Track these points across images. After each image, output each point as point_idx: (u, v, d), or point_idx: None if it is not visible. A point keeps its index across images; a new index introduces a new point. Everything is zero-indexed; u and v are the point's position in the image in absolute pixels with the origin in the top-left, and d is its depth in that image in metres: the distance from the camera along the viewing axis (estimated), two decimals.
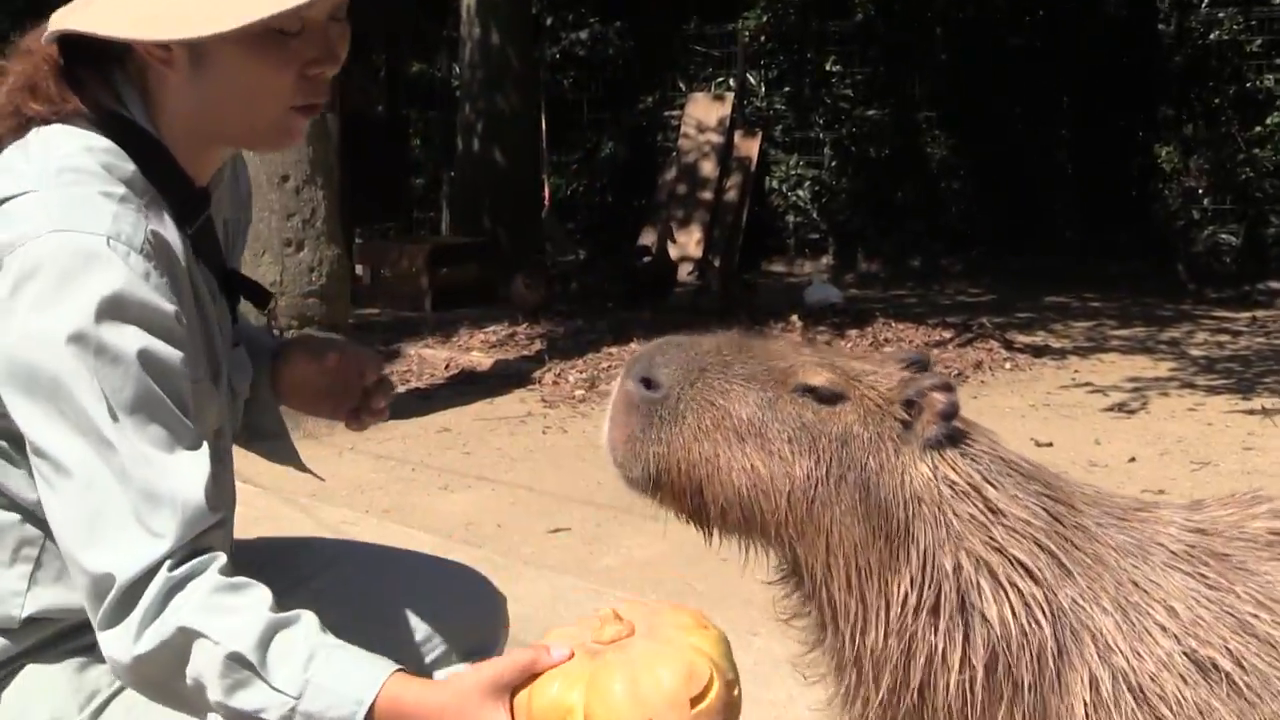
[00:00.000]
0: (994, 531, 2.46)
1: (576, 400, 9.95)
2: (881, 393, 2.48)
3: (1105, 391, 10.07)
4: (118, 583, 2.44)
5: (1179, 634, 2.45)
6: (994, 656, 2.43)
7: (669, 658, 2.30)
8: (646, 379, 2.47)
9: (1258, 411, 9.29)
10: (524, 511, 7.11)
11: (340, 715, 2.40)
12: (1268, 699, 2.43)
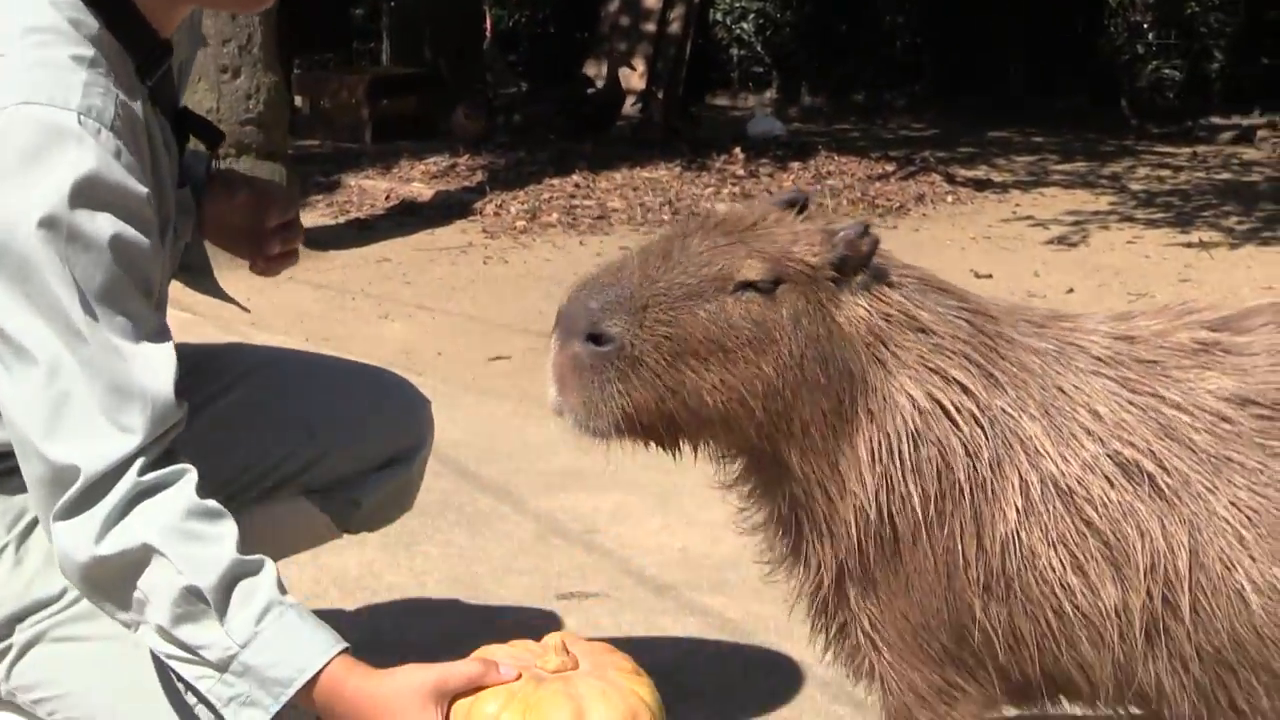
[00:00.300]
0: (929, 352, 2.48)
1: (517, 231, 9.89)
2: (810, 261, 2.45)
3: (1045, 225, 10.10)
4: (83, 475, 2.40)
5: (1104, 437, 2.49)
6: (941, 475, 2.47)
7: (613, 699, 2.33)
8: (593, 335, 2.37)
9: (1195, 245, 9.36)
10: (464, 340, 7.10)
11: (280, 676, 2.39)
12: (1187, 500, 2.47)
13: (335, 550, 4.17)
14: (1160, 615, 2.46)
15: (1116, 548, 2.45)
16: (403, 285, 8.38)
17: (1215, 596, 2.46)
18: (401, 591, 4.01)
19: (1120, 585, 2.45)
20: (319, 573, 4.10)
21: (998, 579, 2.46)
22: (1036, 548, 2.45)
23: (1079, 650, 2.49)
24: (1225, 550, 2.46)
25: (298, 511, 3.14)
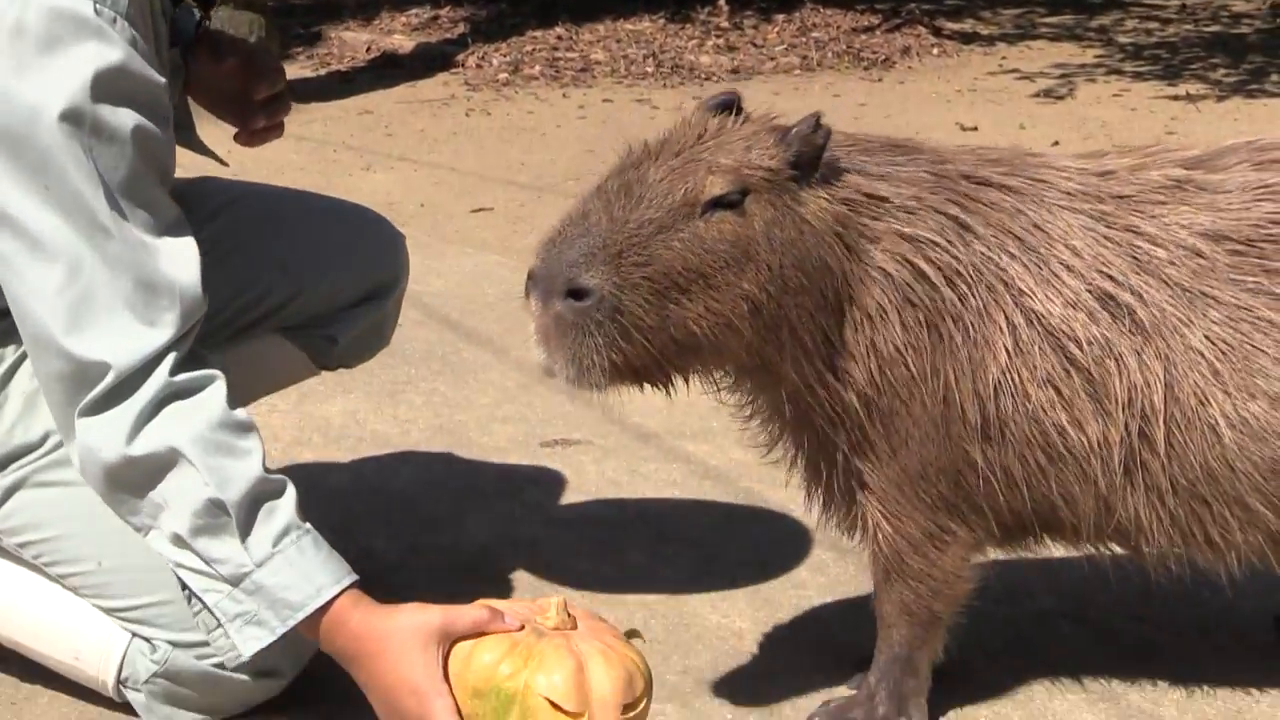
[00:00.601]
0: (896, 222, 2.47)
1: (500, 84, 9.80)
2: (769, 165, 2.42)
3: (1032, 78, 10.02)
4: (113, 370, 2.39)
5: (1084, 271, 2.51)
6: (930, 332, 2.48)
7: (613, 661, 2.34)
8: (572, 291, 2.32)
9: (1182, 97, 9.30)
10: (447, 191, 7.07)
11: (291, 599, 2.40)
12: (1163, 334, 2.49)
13: (319, 398, 4.20)
14: (1138, 449, 2.50)
15: (1097, 383, 2.48)
16: (384, 137, 8.32)
17: (1189, 430, 2.49)
18: (386, 440, 4.03)
19: (1101, 420, 2.48)
20: (303, 420, 4.12)
21: (992, 422, 2.49)
22: (1027, 388, 2.48)
23: (1065, 487, 2.53)
24: (1199, 384, 2.49)
25: (274, 349, 3.14)
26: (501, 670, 2.29)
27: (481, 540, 3.44)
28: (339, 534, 3.40)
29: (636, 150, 2.46)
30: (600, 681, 2.29)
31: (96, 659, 2.70)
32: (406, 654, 2.34)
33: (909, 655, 2.67)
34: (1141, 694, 2.82)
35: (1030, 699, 2.80)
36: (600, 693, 2.28)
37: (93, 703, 2.77)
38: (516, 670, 2.28)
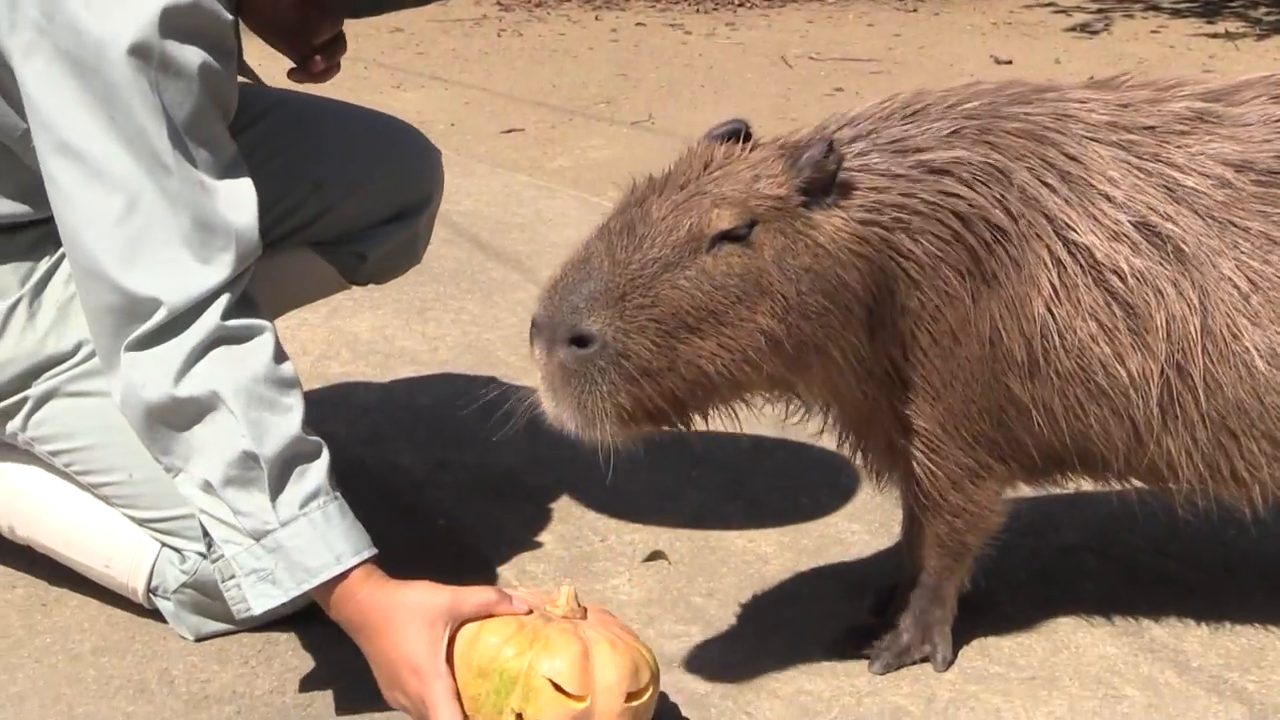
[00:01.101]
0: (920, 210, 2.42)
1: (532, 4, 9.73)
2: (777, 194, 2.36)
3: (1068, 12, 9.92)
4: (165, 307, 2.38)
5: (1123, 202, 2.49)
6: (975, 280, 2.45)
7: (620, 650, 2.34)
8: (575, 338, 2.27)
9: (1220, 35, 9.19)
10: (477, 111, 7.04)
11: (309, 564, 2.39)
12: (1198, 264, 2.47)
13: (348, 313, 4.21)
14: (1174, 382, 2.49)
15: (1139, 316, 2.46)
16: (415, 56, 8.27)
17: (1221, 362, 2.48)
18: (413, 356, 4.04)
19: (1141, 353, 2.47)
20: (331, 334, 4.12)
21: (1037, 358, 2.48)
22: (1072, 322, 2.46)
23: (1102, 422, 2.52)
24: (1231, 316, 2.47)
25: (304, 263, 3.14)
26: (506, 652, 2.29)
27: (509, 459, 3.45)
28: (367, 447, 3.43)
29: (640, 185, 2.38)
30: (605, 668, 2.30)
31: (127, 567, 2.72)
32: (410, 632, 2.34)
33: (936, 584, 2.68)
34: (1165, 628, 2.82)
35: (1054, 631, 2.81)
36: (604, 679, 2.29)
37: (122, 607, 2.80)
38: (521, 652, 2.29)
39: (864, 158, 2.44)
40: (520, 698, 2.27)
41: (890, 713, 2.56)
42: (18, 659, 2.65)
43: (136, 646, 2.70)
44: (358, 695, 2.56)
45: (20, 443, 2.75)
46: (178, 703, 2.55)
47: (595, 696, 2.28)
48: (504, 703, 2.28)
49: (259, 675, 2.63)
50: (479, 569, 2.97)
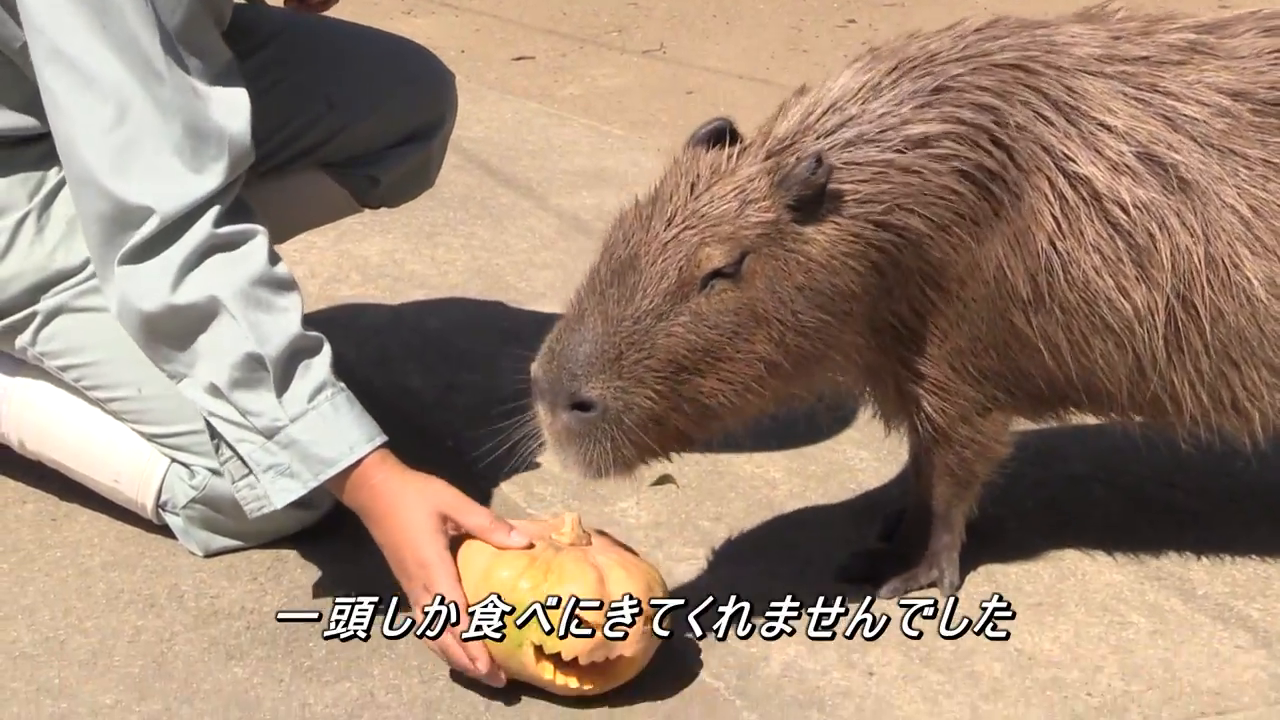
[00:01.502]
0: (914, 186, 2.40)
1: None
2: (766, 220, 2.34)
3: None
4: (158, 216, 2.37)
5: (1124, 132, 2.46)
6: (977, 225, 2.44)
7: (632, 570, 2.34)
8: (576, 404, 2.30)
9: None
10: (487, 38, 6.99)
11: (324, 455, 2.41)
12: (1199, 193, 2.46)
13: (358, 237, 4.20)
14: (1178, 313, 2.48)
15: (1142, 248, 2.45)
16: None
17: (1223, 292, 2.47)
18: (423, 280, 4.03)
19: (1146, 285, 2.46)
20: (340, 258, 4.11)
21: (1041, 292, 2.47)
22: (1075, 254, 2.45)
23: (1107, 355, 2.52)
24: (1233, 244, 2.46)
25: (316, 185, 3.13)
26: (522, 585, 2.29)
27: (517, 382, 3.44)
28: (376, 369, 3.43)
29: (628, 217, 2.38)
30: (621, 593, 2.30)
31: (136, 482, 2.72)
32: (416, 520, 2.37)
33: (945, 511, 2.69)
34: (1171, 557, 2.83)
35: (1060, 559, 2.81)
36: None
37: (131, 523, 2.81)
38: (536, 584, 2.28)
39: (850, 150, 2.41)
40: (538, 631, 2.27)
41: (896, 636, 2.56)
42: (28, 573, 2.67)
43: (146, 562, 2.72)
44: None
45: (30, 358, 2.75)
46: (187, 617, 2.56)
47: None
48: (522, 636, 2.29)
49: (268, 591, 2.64)
50: (487, 491, 2.98)
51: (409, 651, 2.46)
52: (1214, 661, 2.54)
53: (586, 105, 5.87)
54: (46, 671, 2.40)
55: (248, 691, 2.37)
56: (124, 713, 2.31)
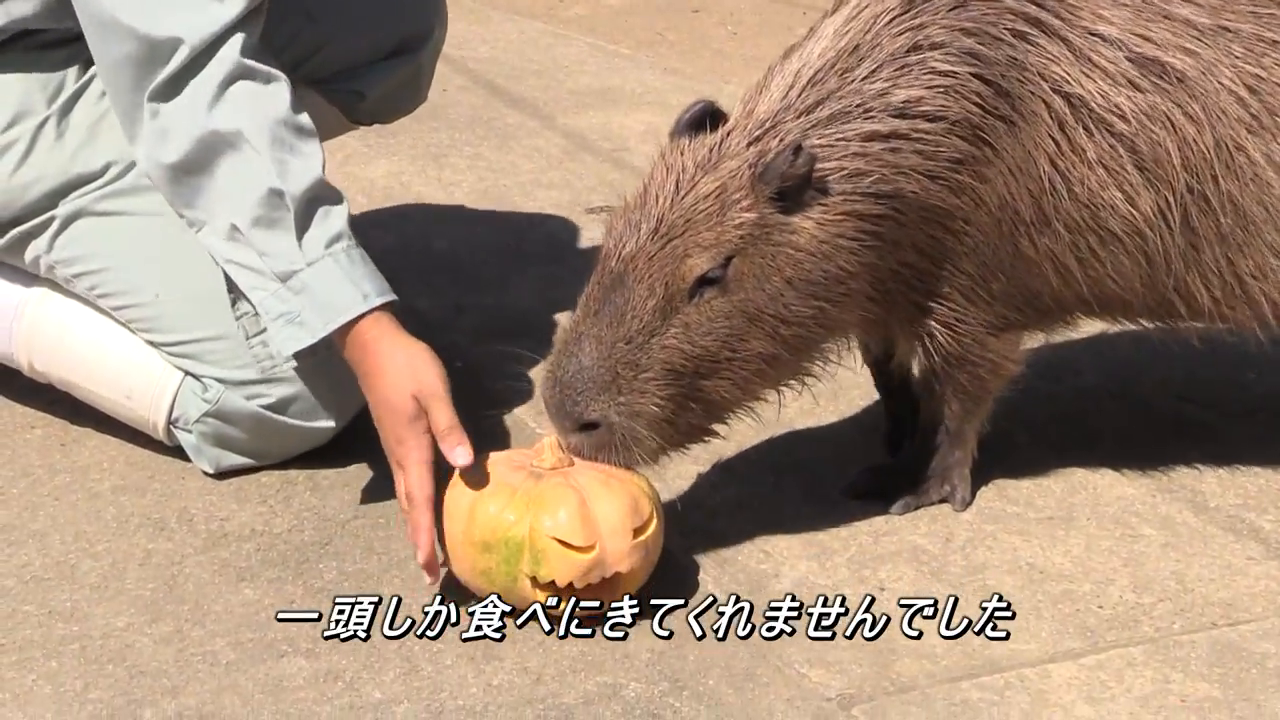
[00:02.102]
0: (903, 144, 2.39)
1: None
2: (748, 219, 2.33)
3: None
4: (187, 45, 2.39)
5: (1116, 38, 2.43)
6: (975, 167, 2.42)
7: (615, 490, 2.31)
8: (584, 426, 2.35)
9: None
10: None
11: (336, 303, 2.41)
12: (1197, 79, 2.43)
13: (363, 159, 4.18)
14: (1190, 208, 2.46)
15: (1147, 153, 2.43)
16: None
17: (1230, 174, 2.45)
18: (429, 201, 4.00)
19: (1154, 189, 2.44)
20: (346, 180, 4.08)
21: (1047, 214, 2.46)
22: (1077, 171, 2.43)
23: (1118, 264, 2.50)
24: (1234, 126, 2.44)
25: (303, 102, 3.10)
26: (506, 518, 2.28)
27: (525, 302, 3.43)
28: None
29: (618, 223, 2.38)
30: (606, 511, 2.29)
31: (148, 398, 2.72)
32: (395, 398, 2.38)
33: (957, 427, 2.67)
34: (1183, 470, 2.82)
35: (1072, 472, 2.81)
36: (608, 522, 2.29)
37: (141, 445, 2.81)
38: (520, 516, 2.28)
39: (832, 127, 2.38)
40: (530, 562, 2.28)
41: (908, 551, 2.57)
42: (37, 497, 2.67)
43: (155, 485, 2.72)
44: (375, 533, 2.58)
45: (44, 268, 2.74)
46: (197, 540, 2.56)
47: (602, 542, 2.28)
48: (515, 570, 2.29)
49: (277, 514, 2.64)
50: (496, 411, 2.97)
51: (419, 571, 2.45)
52: (1226, 573, 2.54)
53: (592, 24, 5.81)
54: (58, 595, 2.41)
55: (259, 613, 2.38)
56: (135, 635, 2.32)
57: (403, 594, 2.42)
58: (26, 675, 2.22)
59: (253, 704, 2.18)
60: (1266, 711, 2.22)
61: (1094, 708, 2.21)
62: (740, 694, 2.21)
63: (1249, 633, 2.39)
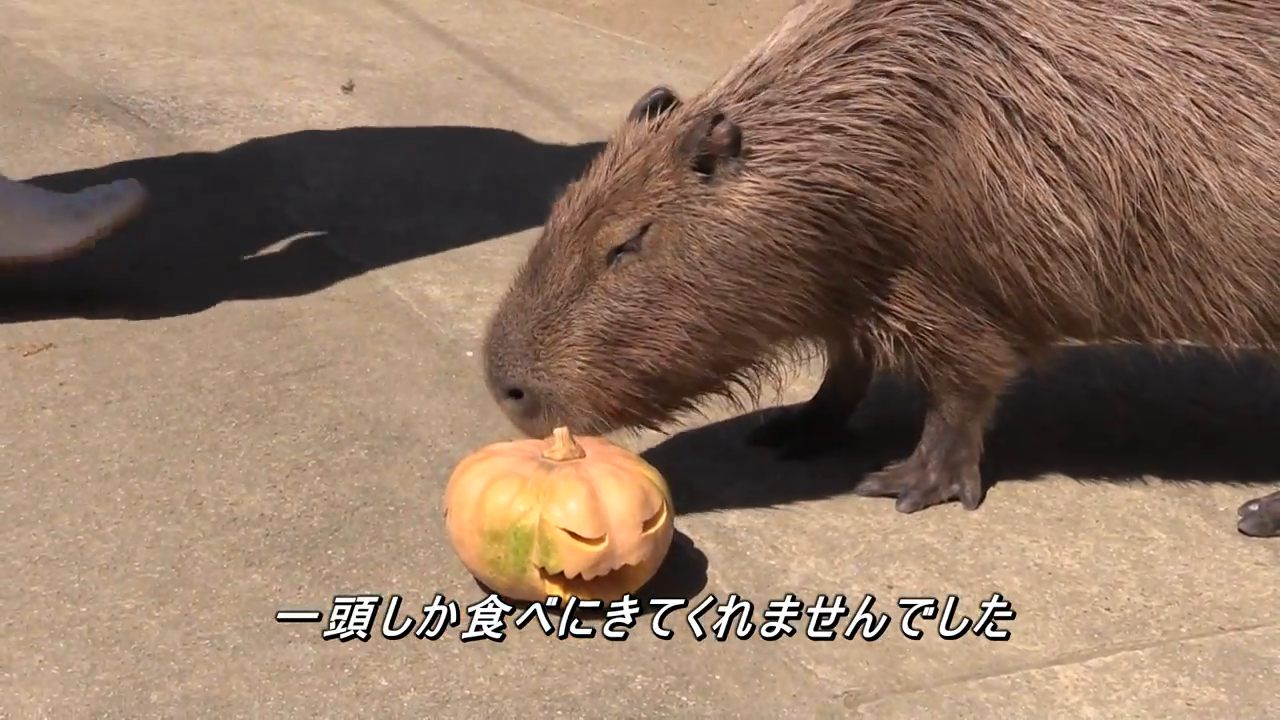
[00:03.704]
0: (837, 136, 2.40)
1: None
2: (668, 188, 2.37)
3: None
4: None
5: (1059, 56, 2.41)
6: (914, 170, 2.43)
7: (625, 482, 2.32)
8: (510, 392, 2.44)
9: None
10: None
11: None
12: (1148, 103, 2.41)
13: (378, 146, 4.18)
14: (1137, 232, 2.44)
15: (1087, 169, 2.41)
16: None
17: (1184, 202, 2.43)
18: (443, 189, 4.00)
19: (1096, 208, 2.43)
20: (361, 167, 4.08)
21: (988, 218, 2.44)
22: (1016, 177, 2.42)
23: (1070, 278, 2.49)
24: (1189, 152, 2.42)
25: None
26: (516, 509, 2.28)
27: None
28: (396, 279, 3.42)
29: (559, 203, 2.47)
30: (616, 504, 2.30)
31: None
32: None
33: (961, 424, 2.67)
34: (1193, 473, 2.82)
35: (1081, 474, 2.80)
36: (618, 514, 2.29)
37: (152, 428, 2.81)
38: (530, 507, 2.28)
39: (768, 110, 2.42)
40: (539, 552, 2.28)
41: (916, 549, 2.57)
42: (47, 478, 2.67)
43: (165, 469, 2.72)
44: (384, 521, 2.58)
45: None
46: (206, 524, 2.57)
47: (612, 534, 2.28)
48: (524, 560, 2.29)
49: (286, 499, 2.64)
50: None
51: (427, 560, 2.47)
52: (1234, 577, 2.54)
53: (609, 16, 5.80)
54: (67, 576, 2.41)
55: (266, 598, 2.38)
56: (143, 617, 2.32)
57: (410, 581, 2.42)
58: (34, 655, 2.22)
59: (259, 689, 2.18)
60: (1272, 717, 2.21)
61: (1100, 710, 2.21)
62: (746, 689, 2.21)
63: (1256, 638, 2.39)
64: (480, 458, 2.39)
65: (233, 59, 4.84)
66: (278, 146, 4.13)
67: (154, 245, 3.47)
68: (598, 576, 2.30)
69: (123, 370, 2.99)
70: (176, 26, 5.15)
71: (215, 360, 3.04)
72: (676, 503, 2.44)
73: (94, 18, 5.14)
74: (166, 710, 2.13)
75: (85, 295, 3.23)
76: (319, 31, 5.22)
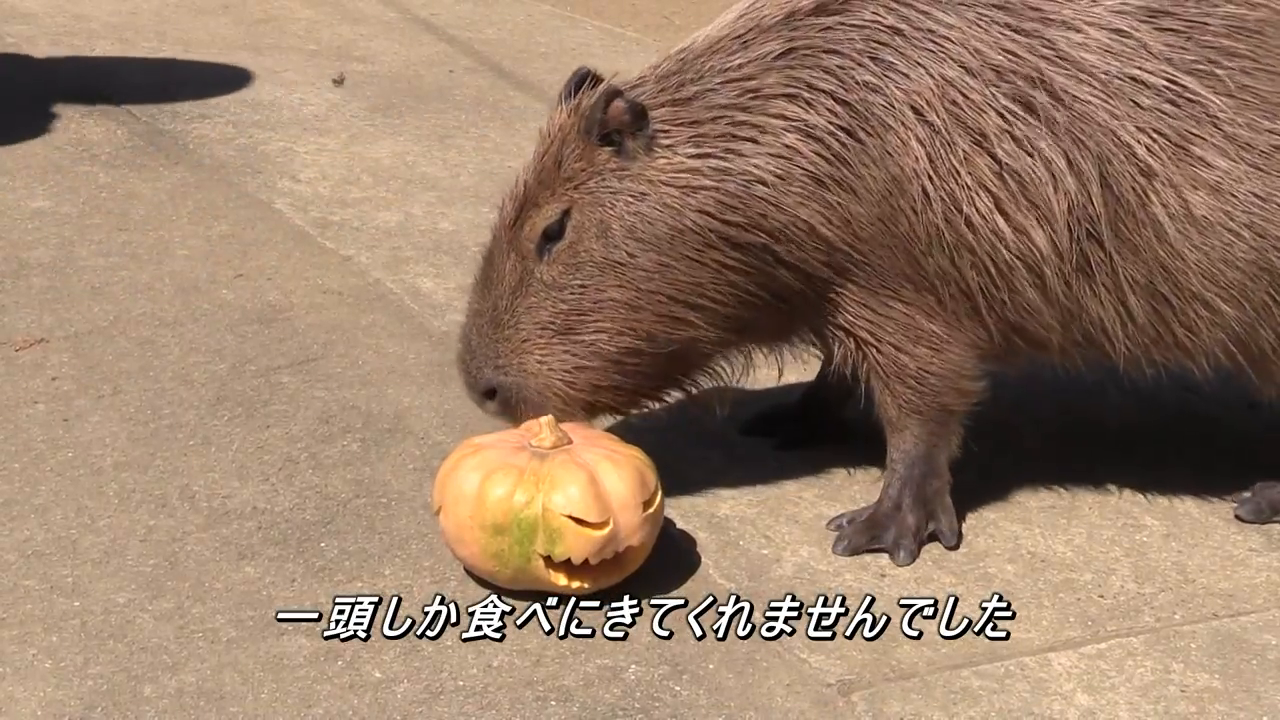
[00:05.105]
0: (753, 130, 2.41)
1: None
2: (580, 169, 2.39)
3: None
4: None
5: (988, 76, 2.38)
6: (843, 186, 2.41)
7: (622, 465, 2.32)
8: (486, 394, 2.51)
9: None
10: None
11: None
12: (1091, 131, 2.38)
13: (369, 139, 4.17)
14: (1089, 253, 2.42)
15: (1032, 190, 2.39)
16: None
17: (1138, 227, 2.40)
18: (434, 182, 3.99)
19: (1047, 227, 2.40)
20: (352, 160, 4.08)
21: (930, 235, 2.42)
22: (953, 191, 2.39)
23: (1026, 297, 2.46)
24: (1136, 180, 2.38)
25: None
26: (517, 500, 2.28)
27: None
28: (387, 271, 3.41)
29: (502, 197, 2.51)
30: (616, 486, 2.30)
31: None
32: None
33: (927, 453, 2.58)
34: (1186, 462, 2.82)
35: (1075, 462, 2.80)
36: (619, 496, 2.30)
37: (143, 424, 2.80)
38: (531, 497, 2.28)
39: (684, 89, 2.43)
40: (544, 541, 2.28)
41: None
42: (40, 472, 2.67)
43: (157, 462, 2.71)
44: (377, 513, 2.57)
45: None
46: (199, 517, 2.56)
47: (615, 516, 2.28)
48: (529, 550, 2.29)
49: (279, 492, 2.64)
50: None
51: (420, 552, 2.46)
52: (1227, 564, 2.54)
53: (600, 8, 5.80)
54: (59, 570, 2.41)
55: (259, 591, 2.38)
56: (136, 611, 2.32)
57: (403, 574, 2.41)
58: (27, 650, 2.22)
59: (253, 681, 2.18)
60: (1265, 702, 2.22)
61: (1094, 697, 2.21)
62: (740, 678, 2.21)
63: (1250, 624, 2.40)
64: (468, 452, 2.38)
65: (223, 53, 4.84)
66: (268, 140, 4.13)
67: (144, 239, 3.46)
68: (603, 560, 2.30)
69: (114, 365, 2.98)
70: (167, 21, 5.15)
71: (207, 354, 3.04)
72: (670, 493, 2.44)
73: (84, 13, 5.13)
74: (160, 703, 2.12)
75: (77, 290, 3.22)
76: (309, 25, 5.22)
